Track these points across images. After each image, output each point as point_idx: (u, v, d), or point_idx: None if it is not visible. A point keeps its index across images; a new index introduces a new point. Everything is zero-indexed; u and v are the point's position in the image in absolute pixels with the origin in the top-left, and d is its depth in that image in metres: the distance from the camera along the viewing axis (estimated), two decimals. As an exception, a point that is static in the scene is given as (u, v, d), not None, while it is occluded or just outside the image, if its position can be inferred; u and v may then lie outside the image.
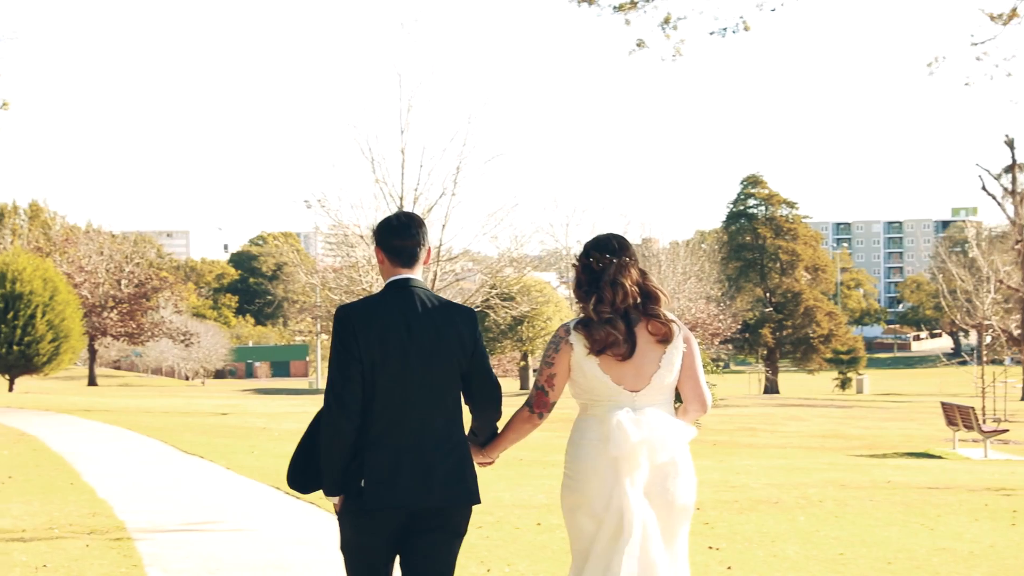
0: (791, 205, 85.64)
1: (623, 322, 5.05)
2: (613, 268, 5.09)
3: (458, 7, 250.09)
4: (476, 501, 5.06)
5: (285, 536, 10.56)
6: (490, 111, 48.54)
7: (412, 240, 5.13)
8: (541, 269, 63.76)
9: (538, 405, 5.17)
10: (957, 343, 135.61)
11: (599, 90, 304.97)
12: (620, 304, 5.06)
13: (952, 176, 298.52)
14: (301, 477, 5.12)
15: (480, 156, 26.46)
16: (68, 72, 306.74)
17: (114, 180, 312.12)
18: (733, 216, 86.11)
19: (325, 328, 65.29)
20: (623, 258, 5.12)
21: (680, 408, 5.25)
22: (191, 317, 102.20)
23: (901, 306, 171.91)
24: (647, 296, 5.13)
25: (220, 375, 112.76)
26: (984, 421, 29.24)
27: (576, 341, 5.09)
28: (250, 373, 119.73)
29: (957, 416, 27.66)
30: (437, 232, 26.76)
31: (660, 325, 5.09)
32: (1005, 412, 37.86)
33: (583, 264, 5.17)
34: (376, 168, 26.22)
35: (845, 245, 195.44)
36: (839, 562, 9.57)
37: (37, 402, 39.19)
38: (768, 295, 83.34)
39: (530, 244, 40.62)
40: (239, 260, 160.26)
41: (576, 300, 5.18)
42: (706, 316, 65.45)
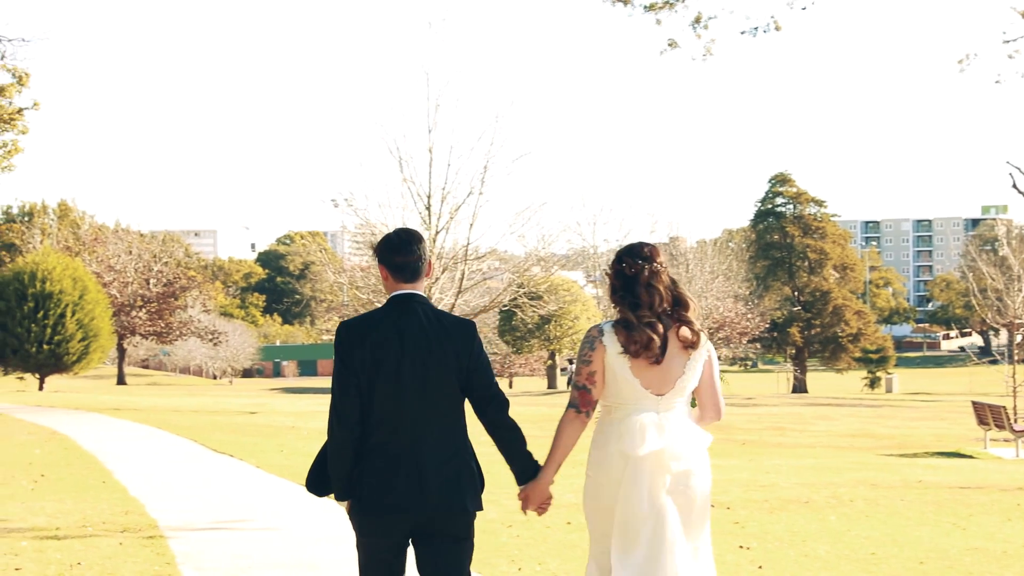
0: (819, 203, 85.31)
1: (661, 326, 5.24)
2: (646, 273, 5.27)
3: (486, 6, 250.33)
4: (471, 509, 5.22)
5: (315, 535, 10.59)
6: (518, 110, 48.60)
7: (412, 256, 5.30)
8: (568, 268, 63.74)
9: (583, 404, 5.29)
10: (987, 342, 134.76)
11: (626, 88, 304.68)
12: (658, 308, 5.25)
13: (982, 174, 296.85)
14: (316, 482, 5.35)
15: (508, 155, 26.42)
16: (96, 72, 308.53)
17: (142, 179, 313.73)
18: (761, 214, 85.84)
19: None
20: (654, 264, 5.29)
21: (696, 414, 5.44)
22: (219, 316, 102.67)
23: (930, 305, 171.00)
24: (678, 302, 5.32)
25: (248, 374, 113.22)
26: (1016, 420, 29.07)
27: (610, 342, 5.24)
28: (277, 372, 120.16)
29: (988, 415, 27.49)
30: (465, 231, 26.78)
31: (689, 333, 5.27)
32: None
33: (616, 270, 5.35)
34: (403, 167, 26.24)
35: (874, 243, 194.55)
36: (871, 562, 9.53)
37: (67, 401, 39.41)
38: (796, 294, 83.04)
39: (557, 243, 40.58)
40: (266, 259, 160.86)
41: (614, 305, 5.33)
42: (734, 315, 65.29)
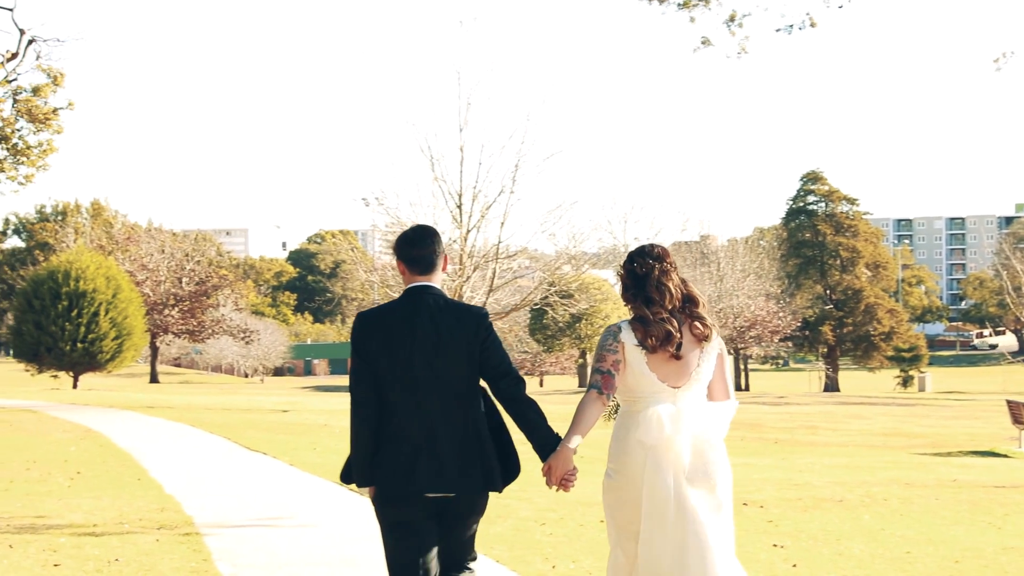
0: (852, 201, 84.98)
1: (676, 321, 5.47)
2: (656, 272, 5.52)
3: (518, 4, 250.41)
4: (486, 489, 5.44)
5: (351, 532, 10.63)
6: (549, 108, 48.60)
7: (427, 249, 5.54)
8: (599, 267, 63.64)
9: (606, 387, 5.44)
10: (1021, 340, 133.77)
11: (657, 86, 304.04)
12: (669, 305, 5.48)
13: (1016, 171, 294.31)
14: (347, 471, 5.53)
15: (539, 153, 26.41)
16: (128, 72, 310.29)
17: (174, 179, 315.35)
18: (793, 213, 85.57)
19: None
20: (664, 264, 5.55)
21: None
22: (250, 315, 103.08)
23: (963, 303, 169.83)
24: (689, 299, 5.56)
25: (279, 372, 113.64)
26: (1050, 419, 28.81)
27: (628, 337, 5.47)
28: (308, 370, 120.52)
29: (1023, 414, 27.31)
30: (496, 229, 26.78)
31: (701, 327, 5.51)
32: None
33: (628, 270, 5.61)
34: (435, 166, 26.27)
35: (906, 242, 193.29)
36: (906, 560, 9.50)
37: (101, 399, 39.68)
38: (828, 292, 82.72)
39: (588, 242, 40.55)
40: (297, 258, 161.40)
41: (626, 303, 5.59)
42: (765, 313, 65.15)
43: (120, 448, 19.92)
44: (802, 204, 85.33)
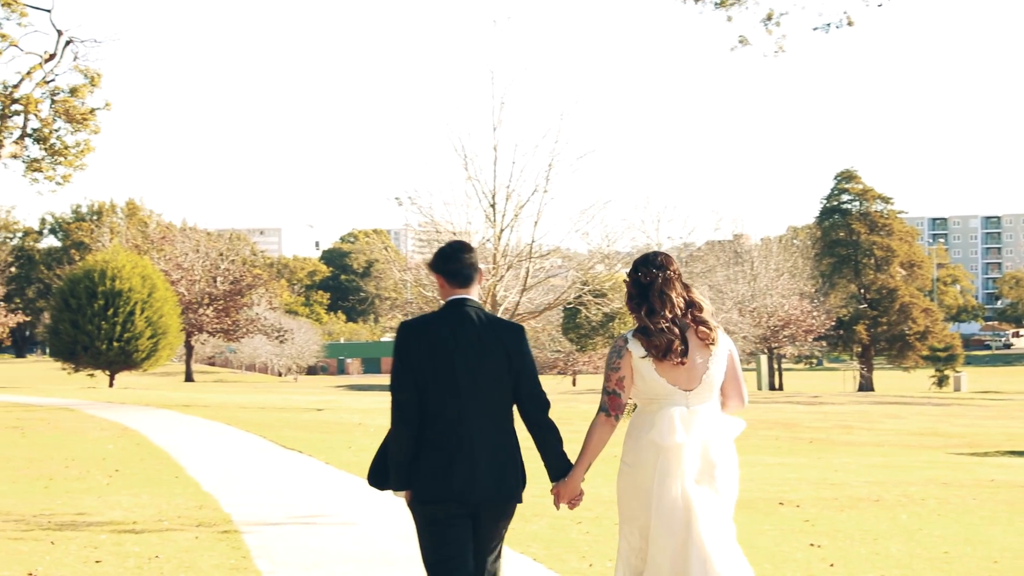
0: (886, 200, 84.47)
1: (677, 328, 5.62)
2: (659, 281, 5.66)
3: (552, 3, 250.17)
4: (516, 500, 5.63)
5: (387, 531, 10.68)
6: (583, 107, 48.51)
7: (464, 263, 5.70)
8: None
9: (613, 408, 5.67)
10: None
11: (691, 85, 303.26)
12: (669, 313, 5.63)
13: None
14: (379, 476, 5.73)
15: (572, 152, 26.43)
16: (162, 72, 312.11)
17: (208, 178, 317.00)
18: (827, 211, 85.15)
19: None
20: (667, 272, 5.68)
21: (722, 403, 5.78)
22: (284, 314, 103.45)
23: (999, 302, 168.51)
24: (692, 305, 5.70)
25: (312, 371, 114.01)
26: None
27: (635, 348, 5.64)
28: (342, 369, 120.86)
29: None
30: (529, 229, 26.81)
31: (706, 331, 5.66)
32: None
33: (633, 279, 5.74)
34: (468, 165, 26.33)
35: (941, 241, 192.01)
36: (944, 560, 9.47)
37: (137, 397, 39.94)
38: (862, 291, 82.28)
39: (621, 241, 40.45)
40: (330, 257, 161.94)
41: (630, 312, 5.75)
42: (799, 313, 64.85)
43: (157, 446, 20.06)
44: (836, 203, 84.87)
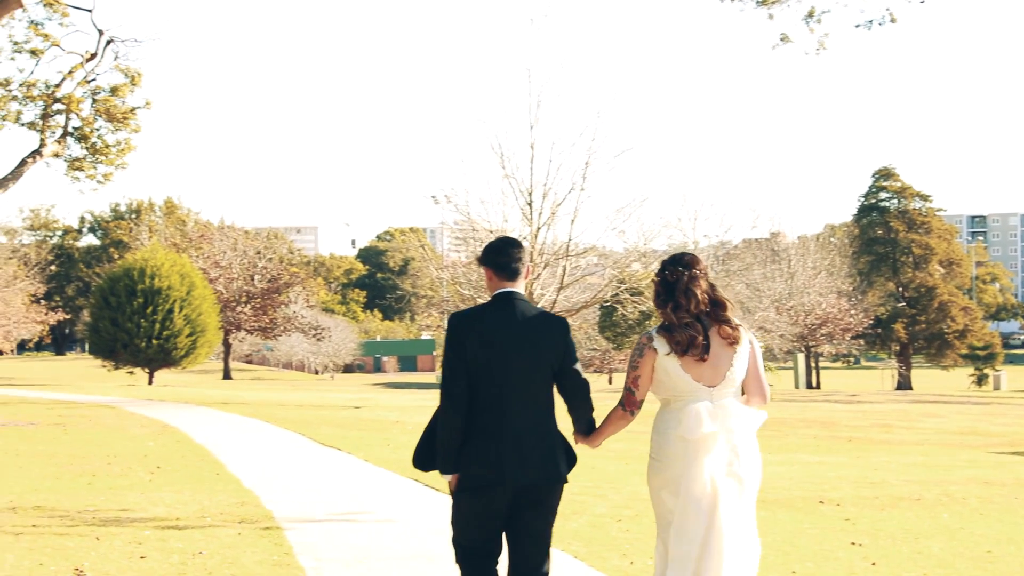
0: (924, 198, 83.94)
1: (701, 325, 5.84)
2: (685, 279, 5.87)
3: (588, 1, 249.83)
4: (563, 481, 5.90)
5: (428, 527, 10.73)
6: (619, 105, 48.42)
7: (513, 258, 5.99)
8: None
9: (628, 404, 5.95)
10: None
11: (728, 82, 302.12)
12: (694, 310, 5.84)
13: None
14: (424, 459, 5.99)
15: (609, 150, 26.35)
16: (199, 72, 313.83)
17: (244, 177, 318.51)
18: (864, 209, 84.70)
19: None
20: (693, 270, 5.90)
21: (744, 400, 5.99)
22: (320, 312, 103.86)
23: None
24: (716, 304, 5.91)
25: (348, 369, 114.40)
26: None
27: (659, 345, 5.85)
28: (378, 367, 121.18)
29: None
30: (566, 227, 26.77)
31: (730, 330, 5.87)
32: None
33: (660, 278, 5.97)
34: (505, 163, 26.30)
35: (980, 238, 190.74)
36: (987, 560, 9.42)
37: (176, 395, 40.21)
38: (901, 290, 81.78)
39: (657, 239, 40.35)
40: (366, 255, 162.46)
41: (656, 308, 5.95)
42: (837, 311, 64.46)
43: (197, 443, 20.20)
44: (874, 201, 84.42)
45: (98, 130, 25.33)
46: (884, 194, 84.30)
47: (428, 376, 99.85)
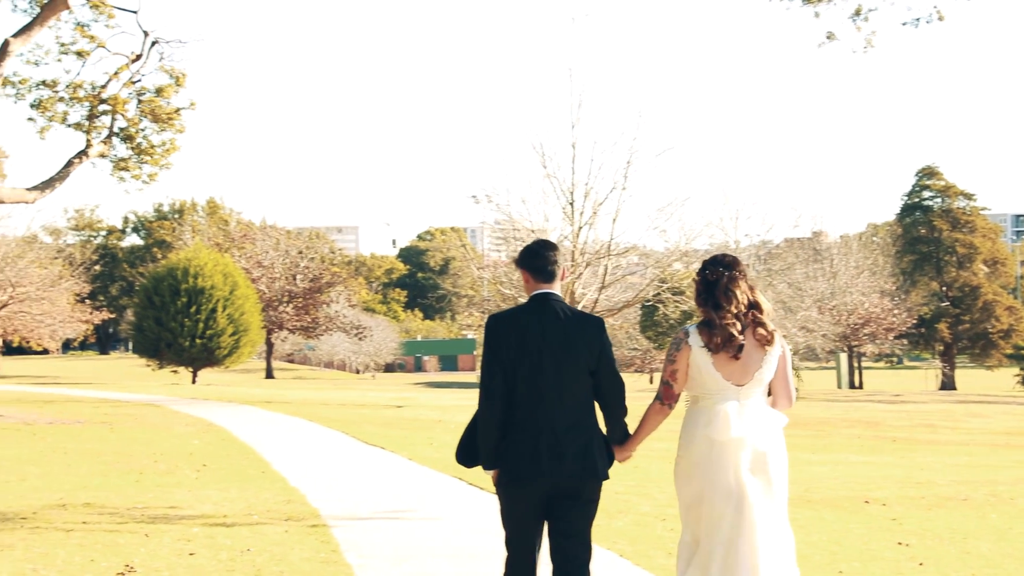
0: (968, 197, 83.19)
1: (740, 324, 5.96)
2: (725, 279, 6.01)
3: (630, 1, 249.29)
4: (601, 477, 5.98)
5: (472, 525, 10.77)
6: (661, 104, 48.33)
7: (549, 260, 6.12)
8: (710, 263, 62.98)
9: (667, 397, 6.08)
10: None
11: (770, 81, 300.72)
12: (735, 308, 5.97)
13: None
14: (466, 455, 6.17)
15: (651, 150, 26.29)
16: (241, 72, 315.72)
17: (287, 177, 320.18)
18: (908, 208, 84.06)
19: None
20: (733, 271, 6.04)
21: (770, 400, 6.14)
22: (362, 311, 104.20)
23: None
24: (754, 305, 6.04)
25: (389, 368, 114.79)
26: None
27: (695, 342, 5.99)
28: (419, 367, 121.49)
29: None
30: (607, 226, 26.73)
31: (764, 332, 6.00)
32: None
33: (701, 277, 6.10)
34: (546, 163, 26.30)
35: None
36: (1036, 561, 9.34)
37: (219, 394, 40.50)
38: (944, 289, 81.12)
39: (699, 239, 40.23)
40: (407, 255, 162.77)
41: (697, 307, 6.09)
42: (880, 311, 64.01)
43: (242, 442, 20.35)
44: (917, 200, 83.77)
45: (143, 131, 25.50)
46: (928, 193, 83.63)
47: (469, 375, 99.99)
